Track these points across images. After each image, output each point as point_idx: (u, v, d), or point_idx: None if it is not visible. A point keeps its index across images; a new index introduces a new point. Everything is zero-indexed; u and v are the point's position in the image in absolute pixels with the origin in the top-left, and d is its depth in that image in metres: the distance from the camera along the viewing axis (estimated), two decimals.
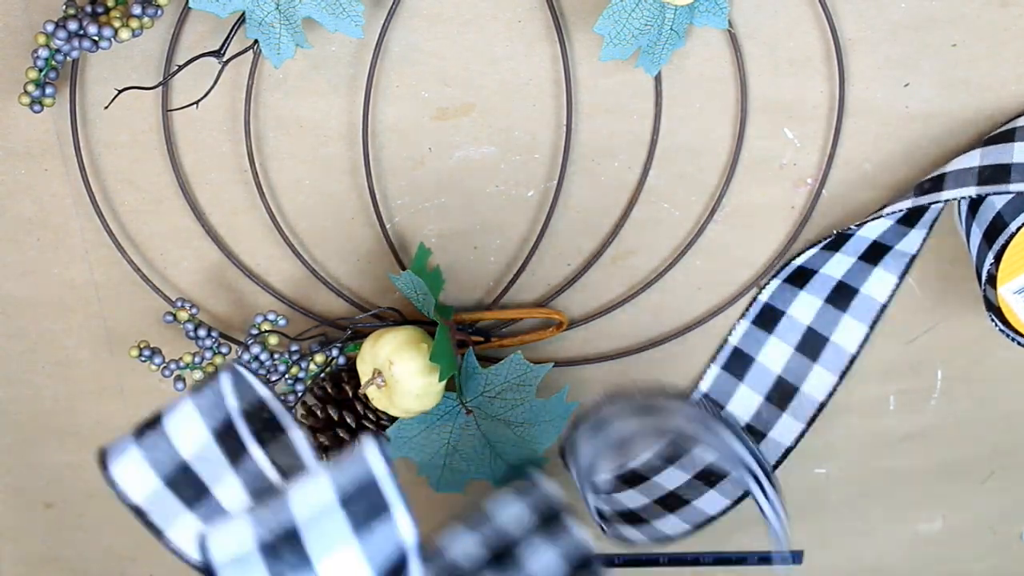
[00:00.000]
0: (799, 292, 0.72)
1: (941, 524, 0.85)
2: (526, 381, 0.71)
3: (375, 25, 0.66)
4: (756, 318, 0.73)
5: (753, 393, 0.73)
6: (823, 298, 0.72)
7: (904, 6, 0.66)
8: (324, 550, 0.46)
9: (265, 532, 0.47)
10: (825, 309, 0.72)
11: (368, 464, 0.46)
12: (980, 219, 0.68)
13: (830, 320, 0.72)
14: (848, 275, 0.72)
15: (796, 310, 0.72)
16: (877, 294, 0.72)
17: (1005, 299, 0.67)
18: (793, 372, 0.73)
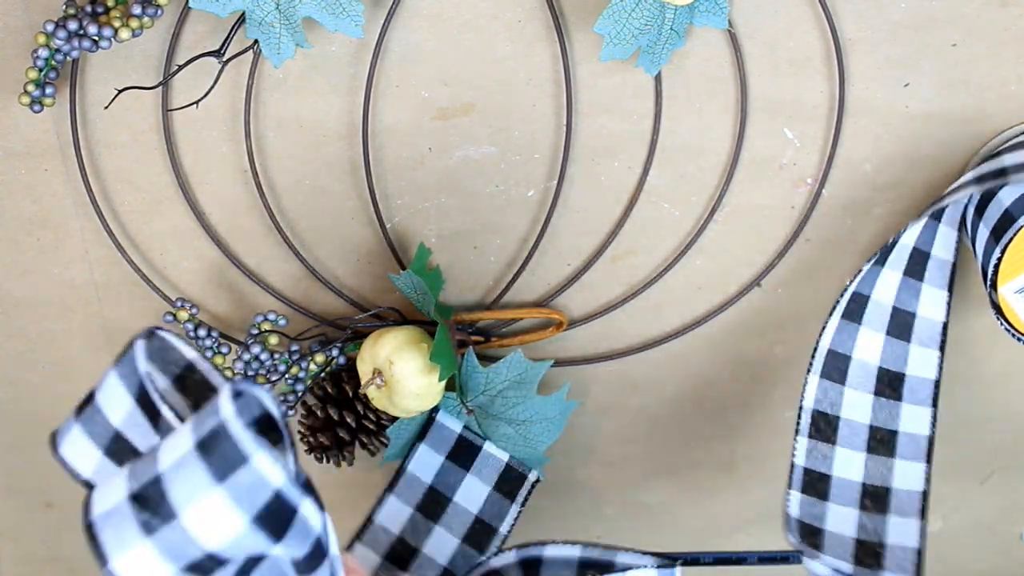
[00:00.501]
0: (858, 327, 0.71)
1: (941, 524, 0.85)
2: (526, 379, 0.71)
3: (375, 25, 0.66)
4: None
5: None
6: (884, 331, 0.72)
7: (904, 6, 0.66)
8: (187, 499, 0.47)
9: (136, 484, 0.48)
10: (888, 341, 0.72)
11: (220, 414, 0.46)
12: (987, 217, 0.68)
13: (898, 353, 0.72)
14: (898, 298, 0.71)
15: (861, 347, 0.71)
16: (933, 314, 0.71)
17: (1006, 299, 0.67)
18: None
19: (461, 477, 0.72)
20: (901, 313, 0.71)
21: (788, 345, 0.76)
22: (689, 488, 0.82)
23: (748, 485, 0.82)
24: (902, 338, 0.71)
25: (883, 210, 0.72)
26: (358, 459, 0.74)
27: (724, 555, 0.86)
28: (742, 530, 0.84)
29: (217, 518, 0.46)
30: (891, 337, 0.71)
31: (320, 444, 0.73)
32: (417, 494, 0.72)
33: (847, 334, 0.71)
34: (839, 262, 0.74)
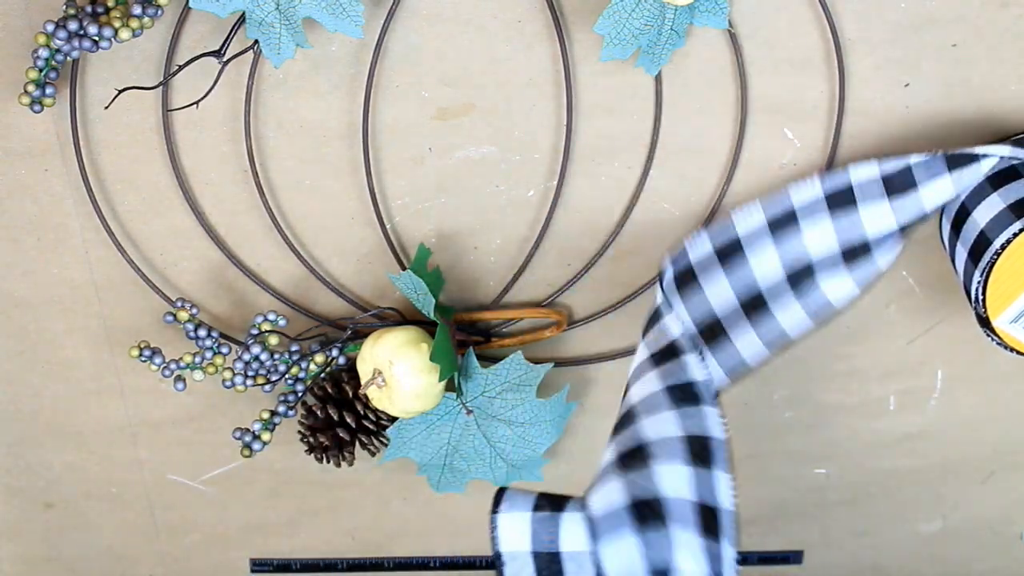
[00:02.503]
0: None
1: (941, 524, 0.85)
2: (526, 381, 0.71)
3: (375, 25, 0.66)
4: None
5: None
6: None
7: (904, 6, 0.66)
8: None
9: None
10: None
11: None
12: (964, 238, 0.68)
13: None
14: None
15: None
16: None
17: (1004, 331, 0.67)
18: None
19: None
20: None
21: None
22: None
23: (748, 485, 0.82)
24: None
25: None
26: (358, 459, 0.74)
27: None
28: (742, 530, 0.84)
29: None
30: None
31: (320, 444, 0.73)
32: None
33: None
34: None
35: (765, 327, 0.68)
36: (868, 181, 0.67)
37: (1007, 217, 0.65)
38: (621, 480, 0.58)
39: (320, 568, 0.84)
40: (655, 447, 0.59)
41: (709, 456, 0.60)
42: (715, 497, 0.59)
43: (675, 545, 0.56)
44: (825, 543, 0.85)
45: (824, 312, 0.69)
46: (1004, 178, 0.67)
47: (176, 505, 0.82)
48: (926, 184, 0.67)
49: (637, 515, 0.56)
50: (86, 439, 0.79)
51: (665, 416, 0.61)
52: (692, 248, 0.68)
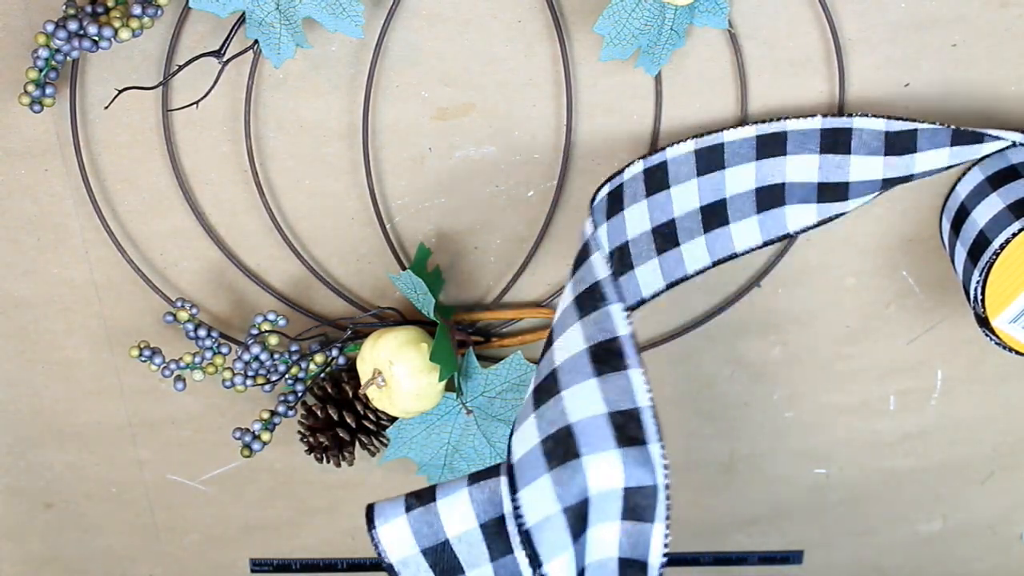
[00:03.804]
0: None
1: (941, 524, 0.85)
2: (526, 381, 0.71)
3: (375, 25, 0.66)
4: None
5: None
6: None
7: (904, 6, 0.66)
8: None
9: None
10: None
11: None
12: (963, 238, 0.68)
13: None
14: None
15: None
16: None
17: (1003, 330, 0.67)
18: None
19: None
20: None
21: (788, 345, 0.76)
22: (689, 488, 0.82)
23: (748, 485, 0.82)
24: None
25: (883, 210, 0.72)
26: (358, 459, 0.74)
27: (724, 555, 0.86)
28: (742, 530, 0.84)
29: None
30: None
31: (320, 444, 0.73)
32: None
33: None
34: (839, 262, 0.74)
35: (717, 238, 0.69)
36: (870, 132, 0.67)
37: (1006, 217, 0.65)
38: (533, 417, 0.57)
39: (320, 568, 0.84)
40: (562, 373, 0.58)
41: (618, 357, 0.57)
42: (632, 400, 0.56)
43: (587, 469, 0.54)
44: (825, 543, 0.85)
45: (777, 236, 0.70)
46: (1004, 178, 0.67)
47: (176, 505, 0.82)
48: (925, 151, 0.67)
49: (547, 453, 0.55)
50: (86, 439, 0.79)
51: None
52: (672, 149, 0.67)
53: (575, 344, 0.58)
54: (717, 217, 0.69)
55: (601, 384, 0.56)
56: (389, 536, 0.58)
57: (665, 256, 0.69)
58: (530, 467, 0.55)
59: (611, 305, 0.57)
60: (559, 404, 0.56)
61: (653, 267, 0.70)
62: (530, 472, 0.55)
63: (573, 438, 0.55)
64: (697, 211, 0.68)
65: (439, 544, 0.57)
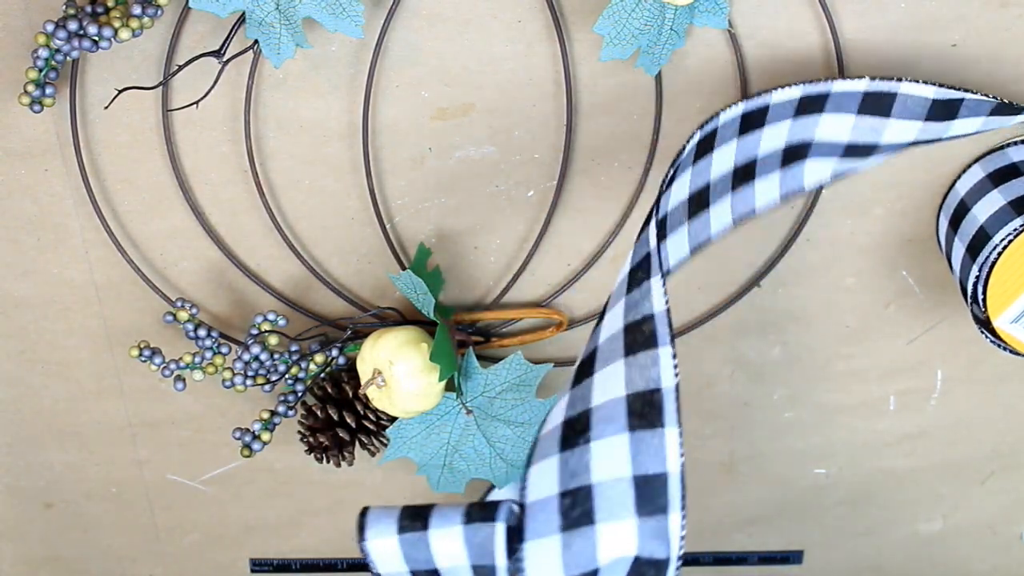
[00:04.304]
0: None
1: (941, 524, 0.85)
2: (526, 381, 0.71)
3: (375, 25, 0.66)
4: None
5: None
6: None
7: (904, 6, 0.66)
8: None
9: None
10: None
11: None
12: (962, 233, 0.68)
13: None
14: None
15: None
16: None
17: (1004, 330, 0.67)
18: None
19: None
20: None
21: (788, 345, 0.76)
22: (689, 488, 0.82)
23: (748, 485, 0.82)
24: None
25: (883, 210, 0.72)
26: (358, 459, 0.74)
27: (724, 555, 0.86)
28: (742, 530, 0.84)
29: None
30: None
31: (320, 444, 0.73)
32: None
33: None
34: (839, 262, 0.74)
35: (741, 197, 0.67)
36: (916, 99, 0.66)
37: (1008, 213, 0.65)
38: (556, 459, 0.55)
39: (320, 568, 0.84)
40: (596, 414, 0.56)
41: (655, 417, 0.55)
42: (661, 462, 0.55)
43: (600, 538, 0.53)
44: (825, 543, 0.85)
45: (793, 193, 0.68)
46: (1004, 175, 0.67)
47: (176, 505, 0.82)
48: (963, 119, 0.66)
49: (563, 512, 0.54)
50: (86, 439, 0.79)
51: (615, 368, 0.57)
52: (723, 114, 0.65)
53: (614, 380, 0.56)
54: (746, 176, 0.67)
55: (633, 441, 0.55)
56: (379, 550, 0.56)
57: (693, 220, 0.67)
58: (543, 520, 0.54)
59: (660, 348, 0.56)
60: (585, 456, 0.55)
61: (682, 236, 0.67)
62: (542, 526, 0.54)
63: (592, 501, 0.54)
64: (730, 172, 0.66)
65: (429, 570, 0.56)
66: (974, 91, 0.65)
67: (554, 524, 0.54)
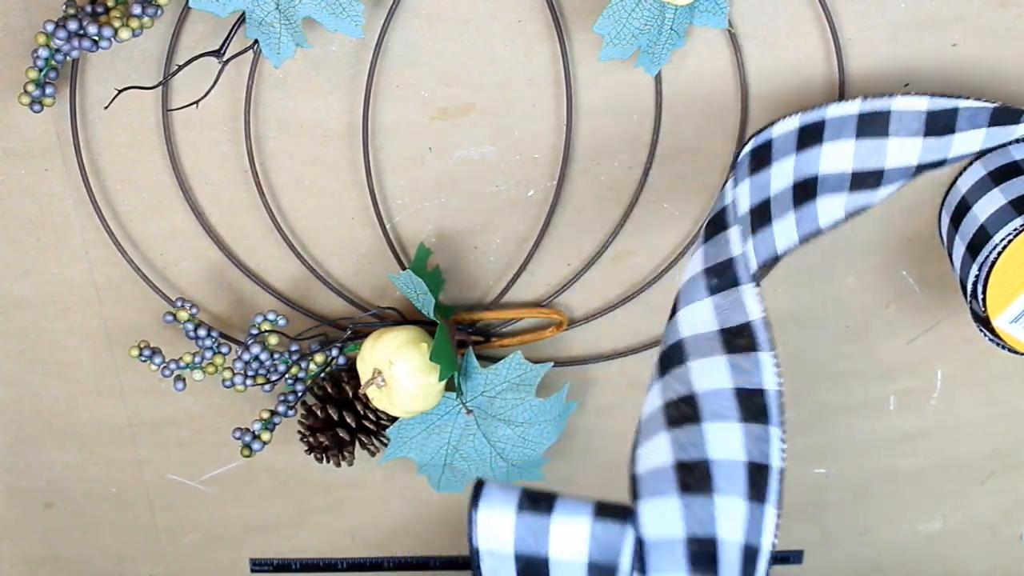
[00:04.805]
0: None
1: (941, 524, 0.85)
2: (526, 381, 0.71)
3: (375, 25, 0.66)
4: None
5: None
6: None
7: (904, 6, 0.66)
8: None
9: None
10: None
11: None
12: (963, 232, 0.68)
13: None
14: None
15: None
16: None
17: (1004, 330, 0.67)
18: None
19: None
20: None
21: (788, 345, 0.76)
22: None
23: None
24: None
25: (883, 210, 0.72)
26: (358, 459, 0.74)
27: None
28: None
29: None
30: None
31: (320, 444, 0.73)
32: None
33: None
34: (839, 262, 0.74)
35: (762, 240, 0.67)
36: (910, 114, 0.65)
37: (1008, 212, 0.65)
38: (668, 436, 0.55)
39: (320, 568, 0.84)
40: (704, 400, 0.56)
41: (763, 411, 0.57)
42: (767, 455, 0.56)
43: (718, 514, 0.53)
44: (825, 543, 0.85)
45: (810, 232, 0.68)
46: (1006, 173, 0.67)
47: (176, 505, 0.82)
48: (964, 131, 0.66)
49: (682, 479, 0.54)
50: (86, 439, 0.79)
51: (717, 363, 0.58)
52: (745, 148, 0.65)
53: (717, 374, 0.57)
54: (762, 217, 0.67)
55: (745, 430, 0.56)
56: (488, 524, 0.53)
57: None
58: (668, 554, 0.54)
59: (761, 352, 0.58)
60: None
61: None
62: (667, 562, 0.54)
63: (709, 472, 0.54)
64: (746, 214, 0.67)
65: (537, 558, 0.54)
66: (968, 97, 0.65)
67: (682, 566, 0.54)
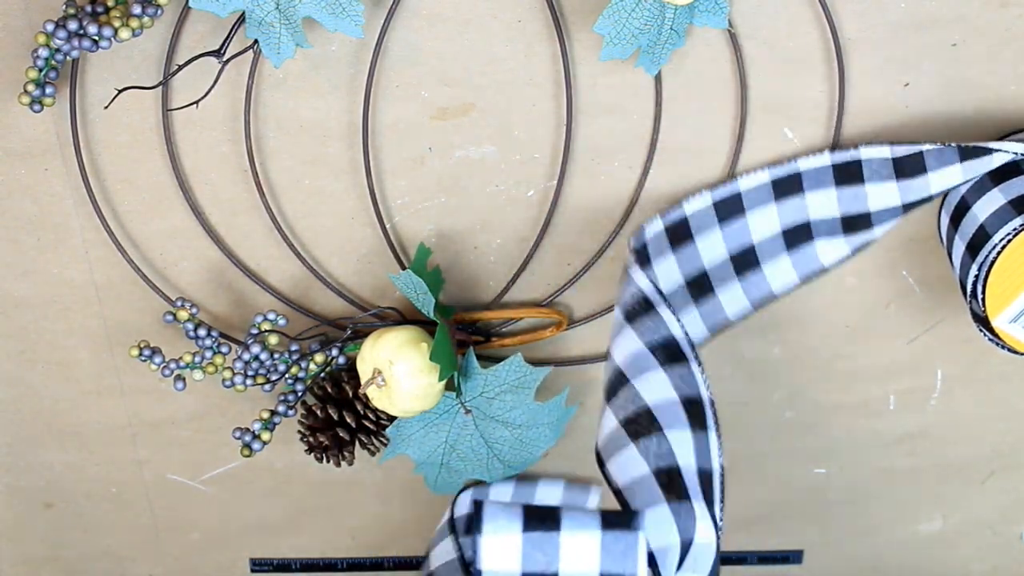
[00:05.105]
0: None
1: (941, 524, 0.85)
2: (525, 384, 0.71)
3: (375, 25, 0.66)
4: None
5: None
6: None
7: (904, 6, 0.66)
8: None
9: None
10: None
11: None
12: (963, 232, 0.68)
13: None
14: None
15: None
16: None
17: (1004, 330, 0.67)
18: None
19: None
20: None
21: (788, 345, 0.76)
22: None
23: (748, 485, 0.82)
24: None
25: None
26: (358, 459, 0.74)
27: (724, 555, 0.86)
28: (742, 530, 0.84)
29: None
30: None
31: (320, 444, 0.73)
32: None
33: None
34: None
35: (753, 282, 0.70)
36: (878, 160, 0.67)
37: (1008, 212, 0.65)
38: (636, 448, 0.57)
39: (320, 568, 0.84)
40: (659, 413, 0.58)
41: (703, 419, 0.60)
42: (710, 461, 0.59)
43: (696, 516, 0.55)
44: (825, 543, 0.85)
45: (813, 272, 0.71)
46: (1006, 174, 0.67)
47: (176, 505, 0.82)
48: (936, 170, 0.67)
49: (662, 485, 0.55)
50: (86, 439, 0.79)
51: (657, 377, 0.61)
52: (689, 204, 0.69)
53: (660, 386, 0.60)
54: (748, 263, 0.70)
55: (694, 439, 0.59)
56: (493, 548, 0.52)
57: (701, 303, 0.71)
58: (642, 489, 0.55)
59: (692, 364, 0.62)
60: (663, 442, 0.58)
61: (693, 316, 0.71)
62: (644, 496, 0.55)
63: (681, 479, 0.57)
64: (727, 260, 0.69)
65: (547, 574, 0.53)
66: (927, 141, 0.67)
67: (659, 496, 0.57)
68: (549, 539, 0.53)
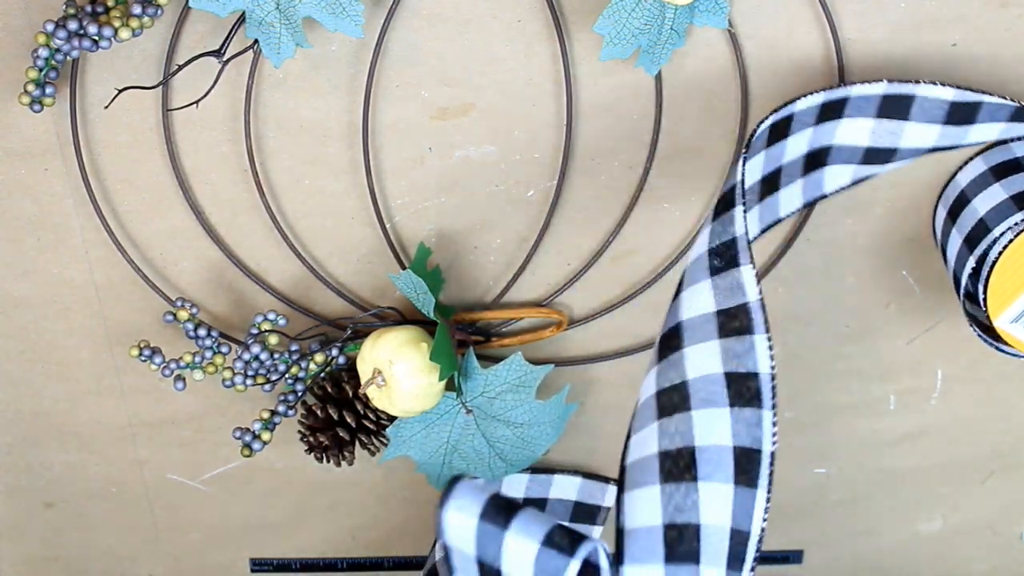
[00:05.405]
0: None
1: (941, 524, 0.85)
2: (526, 382, 0.71)
3: (375, 25, 0.66)
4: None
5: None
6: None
7: (904, 6, 0.66)
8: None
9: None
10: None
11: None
12: (960, 225, 0.68)
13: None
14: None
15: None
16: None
17: (1003, 330, 0.67)
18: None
19: None
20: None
21: (788, 345, 0.76)
22: None
23: None
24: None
25: (883, 209, 0.72)
26: (358, 459, 0.74)
27: None
28: None
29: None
30: None
31: (320, 444, 0.73)
32: None
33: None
34: (839, 262, 0.74)
35: (768, 205, 0.69)
36: (933, 101, 0.66)
37: (1009, 207, 0.65)
38: (656, 426, 0.56)
39: (320, 568, 0.84)
40: (695, 387, 0.57)
41: (756, 395, 0.57)
42: (758, 439, 0.56)
43: (702, 500, 0.55)
44: (825, 543, 0.85)
45: (813, 196, 0.69)
46: (1007, 170, 0.67)
47: (176, 505, 0.82)
48: (983, 124, 0.66)
49: (665, 468, 0.55)
50: (86, 439, 0.79)
51: (710, 348, 0.58)
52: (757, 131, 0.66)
53: (710, 359, 0.58)
54: (770, 186, 0.68)
55: (732, 414, 0.57)
56: (455, 524, 0.53)
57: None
58: (646, 548, 0.54)
59: (756, 335, 0.58)
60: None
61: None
62: (644, 553, 0.54)
63: (693, 459, 0.55)
64: (757, 183, 0.67)
65: (494, 568, 0.54)
66: (993, 94, 0.65)
67: (658, 554, 0.55)
68: (495, 535, 0.53)
